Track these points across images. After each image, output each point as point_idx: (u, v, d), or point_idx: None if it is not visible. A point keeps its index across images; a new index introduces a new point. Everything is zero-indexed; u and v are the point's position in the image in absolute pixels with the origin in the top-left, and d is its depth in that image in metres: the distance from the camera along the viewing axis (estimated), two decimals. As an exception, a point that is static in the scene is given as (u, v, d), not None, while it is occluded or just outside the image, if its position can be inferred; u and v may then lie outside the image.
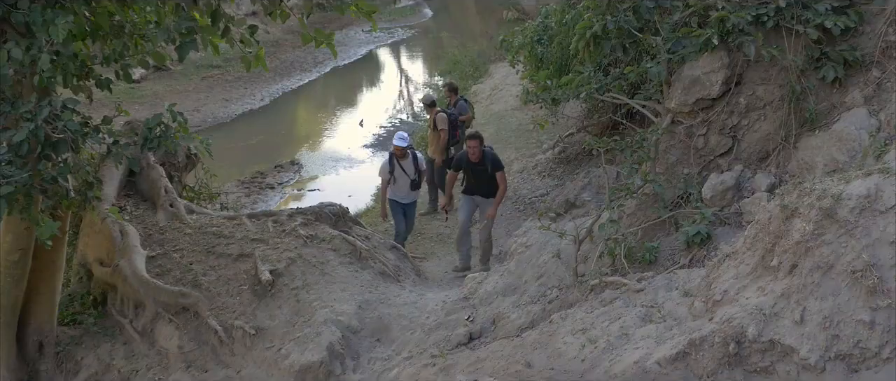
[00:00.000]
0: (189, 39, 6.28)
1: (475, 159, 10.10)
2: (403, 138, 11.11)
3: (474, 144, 10.07)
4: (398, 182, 10.95)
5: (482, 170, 10.15)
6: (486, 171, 10.11)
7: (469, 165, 10.21)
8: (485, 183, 10.25)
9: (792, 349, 4.29)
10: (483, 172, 10.16)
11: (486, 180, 10.21)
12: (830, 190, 4.53)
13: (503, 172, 10.23)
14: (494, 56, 22.82)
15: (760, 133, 7.15)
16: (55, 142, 6.02)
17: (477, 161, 10.13)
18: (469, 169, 10.28)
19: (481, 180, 10.27)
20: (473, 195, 10.45)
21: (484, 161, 10.14)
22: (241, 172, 16.91)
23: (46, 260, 7.91)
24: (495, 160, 10.22)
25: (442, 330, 7.68)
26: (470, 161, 10.18)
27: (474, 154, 10.07)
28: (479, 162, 10.13)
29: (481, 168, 10.15)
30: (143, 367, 8.14)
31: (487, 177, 10.15)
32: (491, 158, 10.18)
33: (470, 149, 10.09)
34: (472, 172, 10.28)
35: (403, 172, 10.93)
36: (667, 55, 7.47)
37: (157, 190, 9.66)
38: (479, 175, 10.25)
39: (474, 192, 10.44)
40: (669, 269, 6.42)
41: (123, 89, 17.10)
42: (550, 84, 10.33)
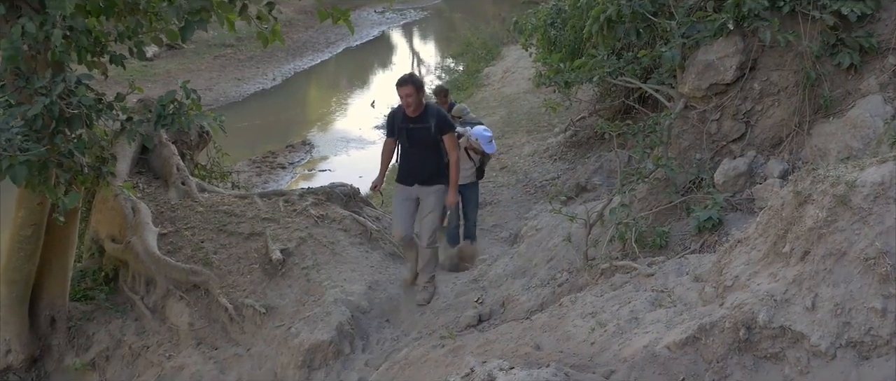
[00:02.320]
0: (196, 19, 6.28)
1: (412, 113, 7.33)
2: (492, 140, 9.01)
3: (409, 90, 7.22)
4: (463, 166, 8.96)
5: (422, 130, 7.38)
6: (427, 131, 7.35)
7: (404, 122, 7.43)
8: (426, 155, 7.49)
9: (803, 336, 4.28)
10: (423, 135, 7.38)
11: (427, 151, 7.47)
12: (844, 177, 4.51)
13: (454, 135, 7.54)
14: (507, 39, 22.76)
15: (774, 119, 7.12)
16: (69, 117, 6.05)
17: (415, 116, 7.35)
18: (403, 130, 7.48)
19: (420, 150, 7.46)
20: (411, 185, 7.67)
21: (426, 117, 7.35)
22: (252, 151, 16.95)
23: (59, 236, 7.96)
24: (443, 118, 7.45)
25: (451, 312, 7.70)
26: (405, 117, 7.39)
27: (410, 105, 7.29)
28: (419, 118, 7.36)
29: (421, 128, 7.38)
30: (153, 343, 8.20)
31: (429, 143, 7.41)
32: (436, 114, 7.41)
33: (403, 96, 7.26)
34: (408, 135, 7.47)
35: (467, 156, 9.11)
36: (681, 39, 7.43)
37: (169, 168, 9.69)
38: (417, 140, 7.43)
39: (411, 177, 7.66)
40: (680, 254, 6.41)
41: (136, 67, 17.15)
42: (563, 67, 10.28)
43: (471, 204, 9.33)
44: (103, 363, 8.24)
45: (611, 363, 4.83)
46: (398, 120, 7.48)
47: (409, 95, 7.23)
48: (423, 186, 7.61)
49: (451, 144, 7.47)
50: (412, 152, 7.54)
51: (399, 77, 7.36)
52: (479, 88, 19.67)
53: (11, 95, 6.28)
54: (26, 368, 8.18)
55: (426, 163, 7.53)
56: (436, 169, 7.55)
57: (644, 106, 9.88)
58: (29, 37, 5.80)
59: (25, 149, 5.61)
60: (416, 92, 7.25)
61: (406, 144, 7.52)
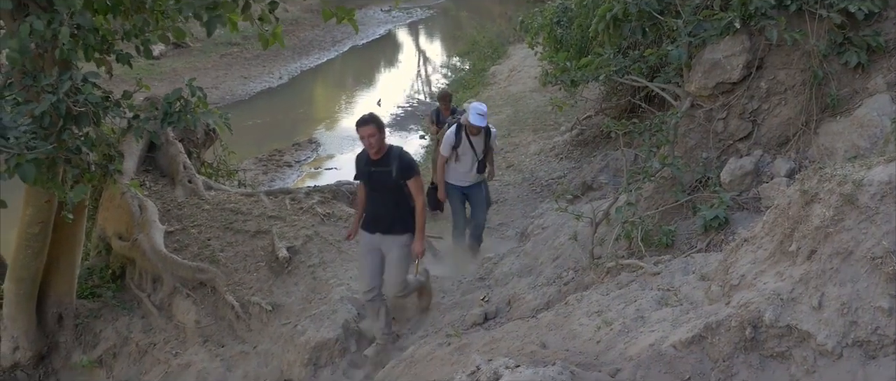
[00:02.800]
0: (215, 14, 6.30)
1: (374, 155, 6.78)
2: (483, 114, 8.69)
3: (370, 131, 6.63)
4: (461, 160, 9.01)
5: (383, 174, 6.84)
6: (388, 175, 6.81)
7: (367, 165, 6.92)
8: (387, 201, 6.95)
9: (809, 335, 4.27)
10: (384, 179, 6.84)
11: (389, 196, 6.92)
12: (851, 176, 4.49)
13: (419, 179, 6.94)
14: (513, 37, 22.77)
15: (781, 118, 7.10)
16: (77, 115, 6.07)
17: (377, 159, 6.81)
18: (365, 173, 6.98)
19: (382, 195, 6.94)
20: (373, 232, 7.09)
21: (387, 160, 6.81)
22: (258, 149, 16.98)
23: (66, 233, 7.99)
24: (406, 162, 6.85)
25: (457, 310, 7.70)
26: (369, 159, 6.86)
27: (372, 146, 6.70)
28: (381, 161, 6.82)
29: (383, 172, 6.84)
30: (160, 341, 8.22)
31: (391, 188, 6.86)
32: (399, 157, 6.84)
33: (364, 137, 6.67)
34: (369, 179, 6.97)
35: (470, 149, 8.92)
36: (687, 38, 7.41)
37: (175, 166, 9.72)
38: (379, 184, 6.91)
39: (373, 224, 7.09)
40: (686, 253, 6.40)
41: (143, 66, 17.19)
42: (569, 66, 10.27)
43: (477, 205, 9.20)
44: (110, 360, 8.27)
45: (616, 361, 4.82)
46: (362, 162, 6.96)
47: (371, 136, 6.62)
48: (384, 236, 7.03)
49: (416, 189, 6.86)
50: (375, 197, 7.01)
51: (359, 117, 6.82)
52: (485, 86, 19.67)
53: (19, 93, 6.31)
54: (34, 365, 8.21)
55: (388, 210, 6.96)
56: (398, 217, 6.95)
57: (650, 105, 9.87)
58: (37, 35, 5.82)
59: (33, 147, 5.62)
60: (378, 132, 6.65)
61: (369, 189, 7.03)
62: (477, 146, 8.91)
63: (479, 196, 9.14)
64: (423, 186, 7.01)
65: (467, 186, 9.02)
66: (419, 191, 6.89)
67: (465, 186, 9.08)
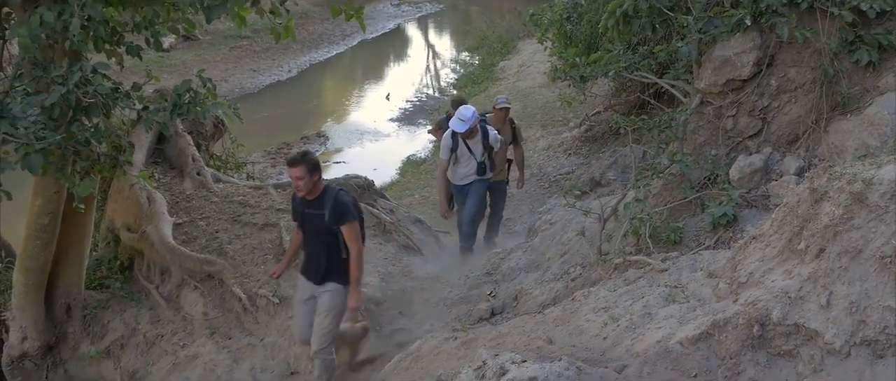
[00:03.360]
0: (218, 2, 6.30)
1: (307, 196, 6.29)
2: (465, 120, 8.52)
3: (300, 171, 6.12)
4: (460, 162, 8.91)
5: (316, 217, 6.30)
6: (321, 219, 6.26)
7: (301, 205, 6.43)
8: (319, 247, 6.41)
9: (817, 333, 4.27)
10: (317, 223, 6.31)
11: (321, 242, 6.38)
12: (861, 174, 4.48)
13: (355, 226, 6.32)
14: (523, 32, 22.74)
15: (791, 116, 7.08)
16: (87, 106, 6.08)
17: (311, 200, 6.31)
18: (299, 214, 6.51)
19: (315, 240, 6.44)
20: (308, 280, 6.59)
21: (321, 202, 6.27)
22: (267, 142, 17.01)
23: (75, 224, 8.01)
24: (341, 205, 6.26)
25: (464, 304, 7.71)
26: (303, 199, 6.37)
27: (300, 189, 6.25)
28: (315, 203, 6.30)
29: (315, 215, 6.30)
30: (168, 332, 8.24)
31: (323, 234, 6.31)
32: (334, 199, 6.27)
33: (294, 178, 6.20)
34: (303, 221, 6.50)
35: (468, 152, 8.84)
36: (697, 35, 7.39)
37: (184, 158, 9.73)
38: (311, 228, 6.41)
39: (306, 270, 6.61)
40: (694, 250, 6.39)
41: (152, 58, 17.21)
42: (579, 62, 10.26)
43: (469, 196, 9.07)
44: (118, 351, 8.30)
45: (623, 357, 4.82)
46: (296, 202, 6.47)
47: (300, 178, 6.11)
48: (317, 285, 6.53)
49: (351, 236, 6.27)
50: (309, 242, 6.52)
51: (290, 155, 6.37)
52: (494, 81, 19.66)
53: (29, 84, 6.33)
54: (42, 355, 8.24)
55: (320, 256, 6.42)
56: (330, 265, 6.37)
57: (660, 101, 9.84)
58: (47, 26, 5.83)
59: (42, 137, 5.64)
60: (309, 173, 6.13)
61: (303, 232, 6.55)
62: (474, 149, 8.83)
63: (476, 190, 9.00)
64: (360, 234, 6.41)
65: (468, 184, 8.97)
66: (354, 238, 6.29)
67: (465, 184, 9.04)
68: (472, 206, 9.05)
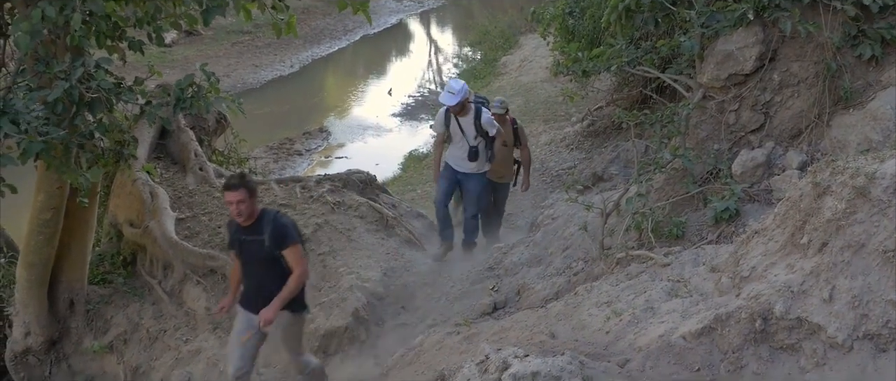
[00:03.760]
0: (216, 4, 6.30)
1: (244, 221, 5.81)
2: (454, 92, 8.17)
3: (239, 195, 5.69)
4: (453, 143, 8.55)
5: (255, 243, 5.86)
6: (260, 245, 5.83)
7: (237, 232, 5.96)
8: (262, 275, 5.95)
9: (819, 327, 4.27)
10: (256, 250, 5.87)
11: (264, 269, 5.92)
12: (864, 169, 4.48)
13: (298, 247, 5.90)
14: (525, 27, 22.68)
15: (793, 110, 7.07)
16: (90, 101, 6.09)
17: (247, 226, 5.84)
18: (236, 242, 6.03)
19: (256, 268, 5.98)
20: (249, 310, 6.03)
21: (259, 227, 5.84)
22: (269, 137, 17.02)
23: (78, 219, 8.02)
24: (280, 228, 5.86)
25: (466, 299, 7.72)
26: (239, 226, 5.89)
27: (241, 214, 5.75)
28: (252, 228, 5.85)
29: (254, 241, 5.87)
30: (170, 327, 8.26)
31: (265, 260, 5.88)
32: (273, 222, 5.87)
33: (232, 203, 5.74)
34: (241, 248, 6.01)
35: (460, 132, 8.42)
36: (700, 29, 7.38)
37: (187, 153, 9.74)
38: (251, 256, 5.96)
39: (249, 301, 6.07)
40: (697, 244, 6.39)
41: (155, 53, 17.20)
42: (581, 56, 10.23)
43: (466, 196, 8.87)
44: (121, 345, 8.32)
45: (626, 352, 4.83)
46: (232, 229, 6.03)
47: (240, 202, 5.69)
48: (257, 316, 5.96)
49: (295, 258, 5.85)
50: (249, 270, 6.05)
51: (227, 179, 6.01)
52: (496, 76, 19.63)
53: (32, 80, 6.33)
54: (45, 350, 8.26)
55: (262, 285, 5.95)
56: (275, 293, 5.85)
57: (662, 96, 9.83)
58: (49, 21, 5.83)
59: (45, 132, 5.65)
60: (249, 198, 5.73)
61: (241, 261, 6.09)
62: (466, 129, 8.39)
63: (471, 188, 8.69)
64: (303, 255, 5.99)
65: (462, 173, 8.58)
66: (298, 261, 5.85)
67: (460, 172, 8.62)
68: (471, 204, 8.82)
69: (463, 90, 8.28)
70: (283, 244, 5.82)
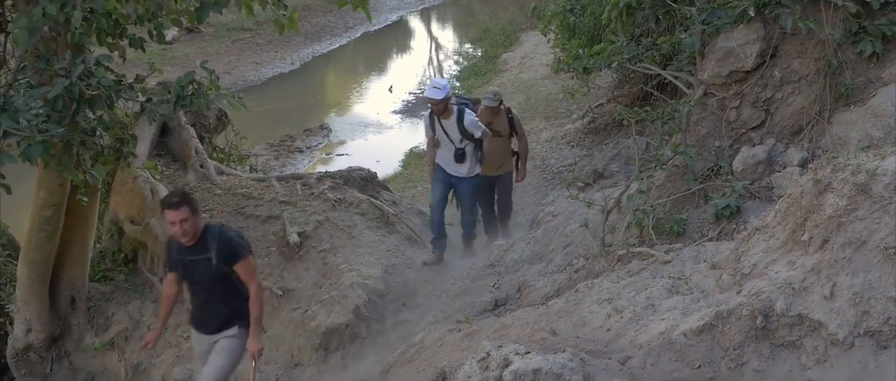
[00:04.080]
0: (212, 2, 6.30)
1: (187, 241, 5.43)
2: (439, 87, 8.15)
3: (182, 214, 5.29)
4: (441, 146, 8.47)
5: (201, 263, 5.48)
6: (208, 264, 5.46)
7: (180, 253, 5.58)
8: (212, 296, 5.64)
9: (820, 324, 4.27)
10: (203, 270, 5.50)
11: (213, 290, 5.61)
12: (865, 165, 4.48)
13: (249, 261, 5.58)
14: (525, 24, 22.66)
15: (794, 107, 7.07)
16: (90, 98, 6.09)
17: (191, 245, 5.46)
18: (179, 263, 5.65)
19: (204, 289, 5.65)
20: (203, 333, 5.81)
21: (204, 246, 5.46)
22: (270, 135, 17.01)
23: (79, 217, 8.02)
24: (227, 243, 5.49)
25: (467, 296, 7.72)
26: (181, 246, 5.51)
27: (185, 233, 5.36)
28: (196, 248, 5.46)
29: (200, 260, 5.48)
30: (171, 324, 8.23)
31: (214, 280, 5.53)
32: (218, 238, 5.48)
33: (173, 222, 5.33)
34: (185, 270, 5.65)
35: (445, 136, 8.31)
36: (701, 26, 7.38)
37: (187, 150, 9.74)
38: (198, 277, 5.61)
39: (200, 323, 5.81)
40: (698, 241, 6.39)
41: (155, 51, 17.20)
42: (582, 53, 10.23)
43: (461, 201, 8.78)
44: (122, 342, 8.33)
45: (627, 349, 4.83)
46: (174, 250, 5.63)
47: (184, 221, 5.30)
48: (216, 333, 5.74)
49: (248, 273, 5.52)
50: (196, 292, 5.72)
51: (166, 197, 5.67)
52: (497, 73, 19.61)
53: (32, 77, 6.33)
54: (46, 347, 8.27)
55: (212, 305, 5.66)
56: (231, 312, 5.64)
57: (663, 93, 9.83)
58: (50, 18, 5.83)
59: (45, 130, 5.65)
60: (192, 215, 5.34)
61: (188, 282, 5.74)
62: (450, 132, 8.26)
63: (464, 193, 8.62)
64: (255, 268, 5.67)
65: (455, 176, 8.48)
66: (251, 275, 5.55)
67: (452, 175, 8.51)
68: (466, 207, 8.77)
69: (447, 87, 8.24)
70: (233, 260, 5.50)
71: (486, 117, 8.68)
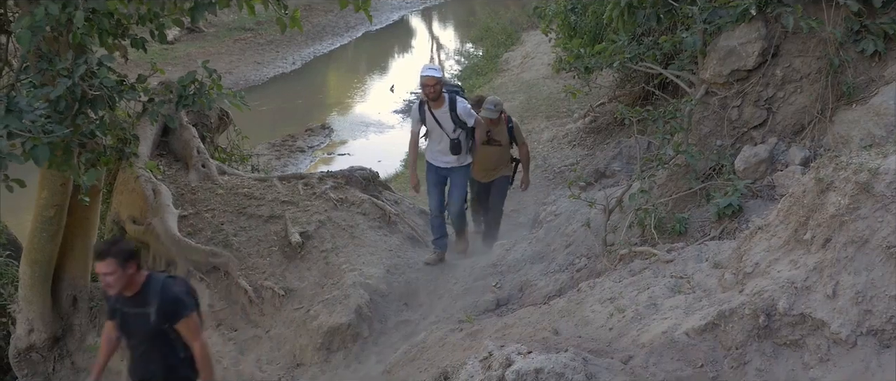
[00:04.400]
0: (206, 0, 6.30)
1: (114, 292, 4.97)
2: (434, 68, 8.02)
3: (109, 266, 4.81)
4: (433, 138, 8.29)
5: (139, 318, 5.01)
6: (146, 319, 4.99)
7: (117, 303, 5.09)
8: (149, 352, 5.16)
9: (823, 323, 4.27)
10: (141, 325, 5.04)
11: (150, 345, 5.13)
12: (867, 164, 4.48)
13: (192, 319, 5.13)
14: (527, 24, 22.68)
15: (796, 106, 7.07)
16: (92, 99, 6.09)
17: (131, 296, 5.00)
18: (117, 312, 5.15)
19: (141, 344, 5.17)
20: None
21: (144, 299, 5.00)
22: (272, 134, 17.04)
23: (81, 217, 8.03)
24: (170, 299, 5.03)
25: (469, 296, 7.71)
26: (119, 296, 5.02)
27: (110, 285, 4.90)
28: (135, 299, 5.00)
29: (138, 314, 5.02)
30: (174, 324, 8.26)
31: (152, 336, 5.06)
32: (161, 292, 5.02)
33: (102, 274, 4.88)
34: (122, 322, 5.16)
35: (438, 126, 8.13)
36: (702, 25, 7.38)
37: (189, 150, 9.75)
38: (135, 331, 5.13)
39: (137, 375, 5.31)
40: (700, 240, 6.39)
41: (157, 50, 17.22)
42: (583, 53, 10.23)
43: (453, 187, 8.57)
44: (124, 342, 8.31)
45: (629, 348, 4.83)
46: (112, 298, 5.12)
47: (110, 274, 4.83)
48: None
49: (191, 331, 5.09)
50: (134, 346, 5.22)
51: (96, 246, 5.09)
52: (498, 73, 19.63)
53: (35, 77, 6.33)
54: (49, 347, 8.27)
55: (150, 361, 5.18)
56: (168, 369, 5.16)
57: (664, 92, 9.83)
58: (51, 18, 5.83)
59: (49, 131, 5.65)
60: (122, 266, 4.85)
61: (124, 335, 5.24)
62: (443, 121, 8.07)
63: (458, 181, 8.44)
64: (199, 326, 5.21)
65: (447, 168, 8.34)
66: (195, 333, 5.10)
67: (444, 168, 8.38)
68: (456, 198, 8.52)
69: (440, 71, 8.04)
70: (174, 319, 5.05)
71: (485, 126, 8.60)
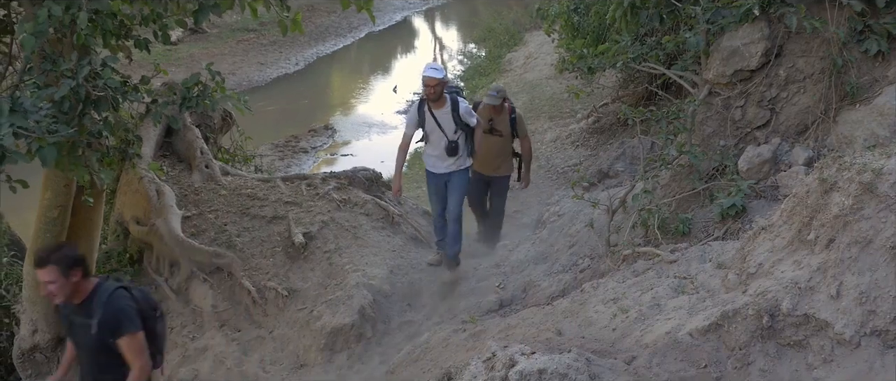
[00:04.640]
0: (210, 3, 6.30)
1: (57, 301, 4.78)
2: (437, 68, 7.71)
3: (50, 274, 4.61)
4: (430, 141, 7.87)
5: (83, 328, 4.77)
6: (87, 330, 4.72)
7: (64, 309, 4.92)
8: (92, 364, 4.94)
9: (827, 324, 4.26)
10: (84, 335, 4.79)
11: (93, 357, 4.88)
12: (870, 164, 4.47)
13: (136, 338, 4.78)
14: (530, 24, 22.66)
15: (799, 106, 7.06)
16: (96, 99, 6.10)
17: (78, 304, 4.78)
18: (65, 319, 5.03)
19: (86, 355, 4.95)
20: None
21: (89, 309, 4.74)
22: (275, 135, 17.04)
23: (84, 218, 8.03)
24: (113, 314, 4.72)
25: (473, 296, 7.72)
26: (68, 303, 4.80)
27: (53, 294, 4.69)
28: (81, 309, 4.77)
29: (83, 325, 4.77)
30: (177, 325, 8.27)
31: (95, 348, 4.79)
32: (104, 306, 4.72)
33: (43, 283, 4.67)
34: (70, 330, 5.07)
35: (437, 128, 7.74)
36: (706, 25, 7.38)
37: (192, 151, 9.75)
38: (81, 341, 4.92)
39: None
40: (703, 241, 6.39)
41: (160, 51, 17.24)
42: (586, 53, 10.22)
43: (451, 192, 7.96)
44: (127, 343, 8.31)
45: (632, 348, 4.83)
46: (62, 306, 4.91)
47: (51, 282, 4.62)
48: None
49: (132, 350, 4.76)
50: (79, 354, 5.06)
51: (37, 252, 5.00)
52: (501, 73, 19.61)
53: (39, 78, 6.34)
54: (53, 347, 8.26)
55: (96, 375, 4.96)
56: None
57: (668, 92, 9.83)
58: (55, 19, 5.84)
59: (54, 131, 5.65)
60: (64, 274, 4.62)
61: (73, 343, 5.10)
62: (444, 123, 7.66)
63: (457, 184, 7.88)
64: (143, 346, 4.84)
65: (446, 174, 7.85)
66: (137, 353, 4.76)
67: (442, 174, 7.89)
68: (454, 202, 7.93)
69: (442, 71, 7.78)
70: (115, 334, 4.74)
71: (487, 114, 8.36)
